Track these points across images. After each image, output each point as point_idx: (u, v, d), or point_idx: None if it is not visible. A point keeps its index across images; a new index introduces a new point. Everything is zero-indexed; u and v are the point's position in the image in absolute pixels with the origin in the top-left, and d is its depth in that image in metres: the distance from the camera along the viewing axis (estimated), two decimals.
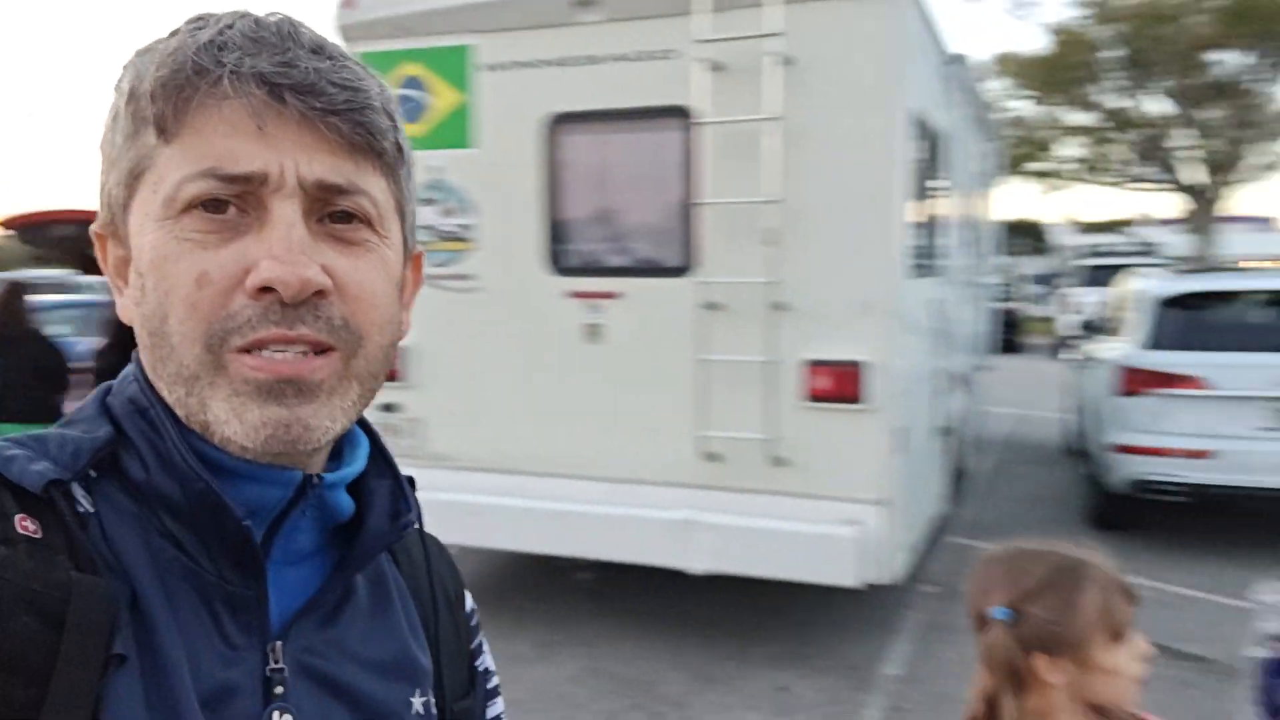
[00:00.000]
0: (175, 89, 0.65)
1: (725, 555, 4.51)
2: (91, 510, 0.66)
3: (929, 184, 5.25)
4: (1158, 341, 6.60)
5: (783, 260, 4.35)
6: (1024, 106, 25.62)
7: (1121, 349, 6.92)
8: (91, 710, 0.60)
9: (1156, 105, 24.82)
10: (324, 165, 0.66)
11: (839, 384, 4.26)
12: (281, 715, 0.67)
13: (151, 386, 0.70)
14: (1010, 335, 15.98)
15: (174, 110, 0.65)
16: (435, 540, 0.87)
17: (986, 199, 9.01)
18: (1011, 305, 17.28)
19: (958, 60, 5.83)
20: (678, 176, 4.59)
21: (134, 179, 0.68)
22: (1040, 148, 25.95)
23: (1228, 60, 23.27)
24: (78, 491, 0.66)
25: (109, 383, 0.74)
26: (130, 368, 0.73)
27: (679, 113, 4.52)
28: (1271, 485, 6.07)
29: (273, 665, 0.68)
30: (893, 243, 4.29)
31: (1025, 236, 39.76)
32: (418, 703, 0.76)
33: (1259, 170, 24.58)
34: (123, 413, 0.70)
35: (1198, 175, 24.71)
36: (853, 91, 4.25)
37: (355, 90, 0.67)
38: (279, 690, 0.68)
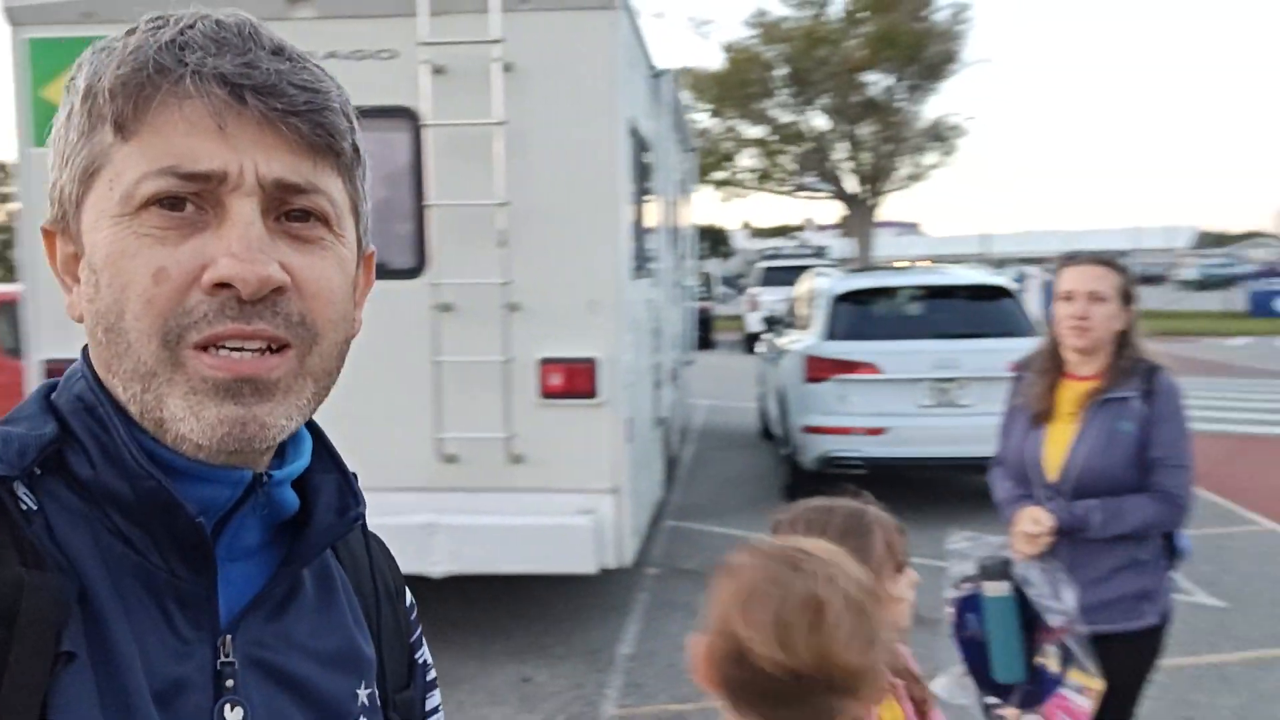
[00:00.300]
0: (136, 87, 0.65)
1: (466, 556, 4.54)
2: (35, 507, 0.65)
3: (642, 190, 5.57)
4: (836, 333, 7.39)
5: (514, 261, 4.45)
6: (705, 119, 27.36)
7: (806, 341, 7.68)
8: (40, 708, 0.60)
9: (819, 121, 27.44)
10: (283, 165, 0.67)
11: (574, 380, 4.44)
12: (233, 708, 0.68)
13: (100, 384, 0.69)
14: (704, 332, 17.08)
15: (134, 108, 0.65)
16: (375, 536, 0.88)
17: (685, 205, 9.61)
18: (704, 304, 18.46)
19: (662, 73, 6.22)
20: (405, 178, 4.56)
21: (89, 176, 0.67)
22: (723, 158, 27.84)
23: (878, 82, 26.21)
24: (20, 490, 0.65)
25: (52, 380, 0.72)
26: (76, 365, 0.72)
27: (404, 114, 4.49)
28: (934, 455, 7.00)
29: (223, 659, 0.68)
30: (618, 244, 4.53)
31: (710, 241, 42.47)
32: (363, 694, 0.77)
33: (906, 180, 27.91)
34: (69, 410, 0.69)
35: (855, 185, 27.62)
36: (575, 99, 4.43)
37: (315, 92, 0.68)
38: (230, 683, 0.68)
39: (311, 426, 0.79)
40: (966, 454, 6.80)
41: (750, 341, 19.40)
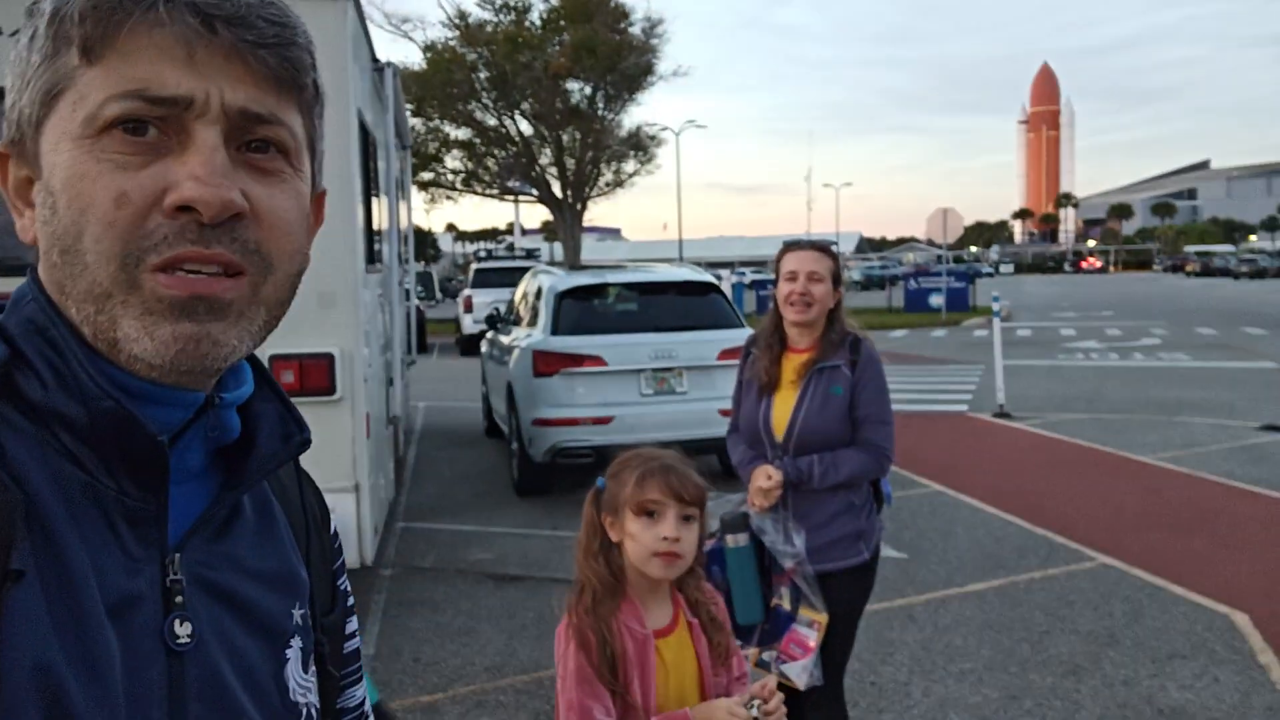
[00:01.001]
0: (108, 11, 0.65)
1: None
2: None
3: (369, 184, 5.49)
4: (561, 328, 7.63)
5: None
6: (410, 118, 26.94)
7: (532, 337, 7.85)
8: None
9: (524, 125, 27.79)
10: (248, 95, 0.68)
11: (310, 376, 4.32)
12: (182, 624, 0.69)
13: (53, 305, 0.69)
14: (419, 334, 16.86)
15: (103, 32, 0.65)
16: (302, 468, 0.90)
17: (403, 204, 9.48)
18: (419, 306, 18.23)
19: (383, 67, 6.14)
20: None
21: (51, 98, 0.67)
22: (431, 159, 27.45)
23: (581, 89, 26.95)
24: None
25: None
26: (24, 287, 0.71)
27: None
28: (657, 440, 7.40)
29: (172, 576, 0.70)
30: (354, 237, 4.46)
31: (416, 243, 41.82)
32: (298, 614, 0.80)
33: (608, 187, 28.90)
34: (19, 333, 0.68)
35: (560, 190, 28.24)
36: None
37: (283, 27, 0.70)
38: (179, 599, 0.69)
39: (249, 357, 0.80)
40: (686, 437, 7.26)
41: (466, 343, 19.35)
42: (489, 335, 10.10)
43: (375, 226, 5.81)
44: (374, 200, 5.78)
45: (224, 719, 0.71)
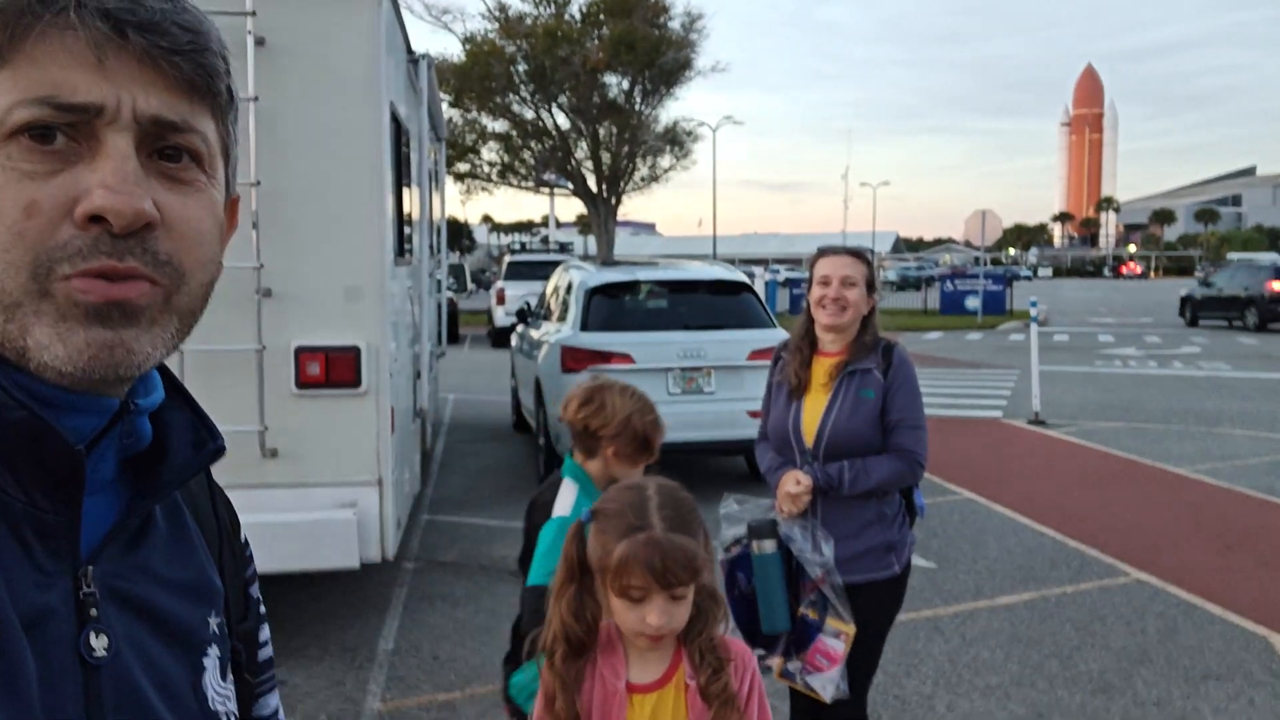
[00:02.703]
0: (15, 15, 0.64)
1: None
2: None
3: (401, 176, 5.46)
4: (590, 324, 7.59)
5: (267, 245, 4.25)
6: (447, 110, 27.08)
7: (562, 332, 7.82)
8: None
9: (561, 119, 27.82)
10: (161, 102, 0.67)
11: (335, 369, 4.30)
12: (98, 636, 0.68)
13: None
14: (450, 326, 16.92)
15: (10, 36, 0.64)
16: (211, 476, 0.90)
17: (437, 195, 9.48)
18: (450, 297, 18.28)
19: (419, 58, 6.12)
20: None
21: None
22: (468, 151, 27.56)
23: (617, 83, 26.92)
24: None
25: None
26: None
27: None
28: (684, 440, 7.34)
29: (86, 589, 0.69)
30: (383, 229, 4.43)
31: (451, 234, 42.02)
32: (214, 622, 0.80)
33: (645, 181, 28.86)
34: None
35: (595, 184, 28.23)
36: (335, 79, 4.29)
37: (197, 33, 0.69)
38: (94, 613, 0.69)
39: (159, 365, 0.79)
40: (713, 438, 7.22)
41: (498, 335, 19.41)
42: (519, 329, 10.09)
43: (406, 218, 5.79)
44: (405, 192, 5.76)
45: None
